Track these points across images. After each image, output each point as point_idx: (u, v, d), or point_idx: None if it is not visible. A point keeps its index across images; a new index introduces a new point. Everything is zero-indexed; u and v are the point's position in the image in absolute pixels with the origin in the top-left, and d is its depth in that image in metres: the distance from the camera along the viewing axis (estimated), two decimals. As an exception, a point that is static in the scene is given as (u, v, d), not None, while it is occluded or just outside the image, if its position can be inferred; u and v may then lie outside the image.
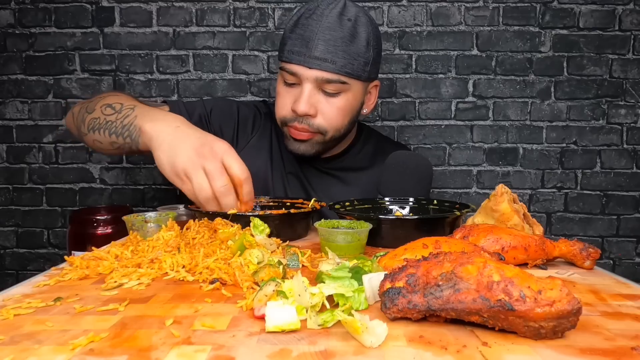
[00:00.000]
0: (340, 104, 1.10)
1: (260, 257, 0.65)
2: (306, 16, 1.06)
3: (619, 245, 1.89)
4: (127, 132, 0.95)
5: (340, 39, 1.04)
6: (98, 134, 1.00)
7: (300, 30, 1.06)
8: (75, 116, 1.07)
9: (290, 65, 1.07)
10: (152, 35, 1.83)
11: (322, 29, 1.04)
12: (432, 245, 0.64)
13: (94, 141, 1.02)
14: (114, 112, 0.98)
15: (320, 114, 1.09)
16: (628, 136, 1.84)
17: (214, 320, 0.49)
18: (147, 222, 0.83)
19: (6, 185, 1.91)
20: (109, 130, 0.97)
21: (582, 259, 0.70)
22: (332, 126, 1.11)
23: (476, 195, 1.88)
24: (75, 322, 0.49)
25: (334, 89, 1.07)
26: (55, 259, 1.92)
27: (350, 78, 1.07)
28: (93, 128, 1.00)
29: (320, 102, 1.08)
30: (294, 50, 1.05)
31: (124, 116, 0.96)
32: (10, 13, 1.83)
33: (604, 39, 1.80)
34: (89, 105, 1.05)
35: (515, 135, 1.85)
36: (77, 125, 1.07)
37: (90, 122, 1.01)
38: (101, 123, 0.99)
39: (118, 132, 0.96)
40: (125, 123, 0.95)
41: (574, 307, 0.42)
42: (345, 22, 1.05)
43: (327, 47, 1.03)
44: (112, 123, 0.97)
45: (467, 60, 1.82)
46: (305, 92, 1.06)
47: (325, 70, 1.04)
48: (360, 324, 0.43)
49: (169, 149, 0.86)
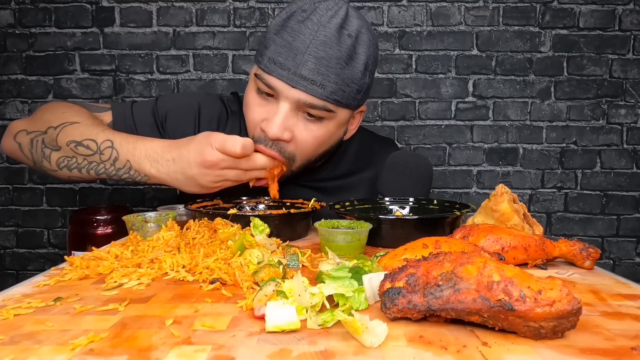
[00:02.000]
0: (319, 133, 0.93)
1: (260, 257, 0.65)
2: (298, 20, 0.87)
3: (619, 245, 1.89)
4: (126, 175, 0.90)
5: (335, 58, 0.86)
6: (77, 172, 0.91)
7: (288, 36, 0.87)
8: (27, 149, 0.93)
9: (269, 78, 0.88)
10: (152, 35, 1.83)
11: (315, 42, 0.85)
12: (432, 245, 0.64)
13: (69, 177, 0.93)
14: (92, 152, 0.88)
15: (295, 140, 0.92)
16: (628, 136, 1.84)
17: (214, 320, 0.49)
18: (147, 222, 0.83)
19: (6, 185, 1.91)
20: (95, 170, 0.90)
21: (582, 259, 0.70)
22: (303, 155, 0.95)
23: (476, 195, 1.88)
24: (75, 322, 0.49)
25: (316, 114, 0.90)
26: (55, 259, 1.92)
27: (338, 106, 0.91)
28: (68, 167, 0.90)
29: (296, 127, 0.91)
30: (276, 60, 0.87)
31: (109, 158, 0.88)
32: (10, 13, 1.83)
33: (604, 39, 1.80)
34: (45, 139, 0.91)
35: (515, 135, 1.85)
36: (33, 159, 0.94)
37: (61, 161, 0.90)
38: (80, 163, 0.90)
39: (111, 173, 0.90)
40: (118, 166, 0.89)
41: (574, 307, 0.42)
42: (344, 38, 0.87)
43: (318, 66, 0.85)
44: (99, 164, 0.89)
45: (467, 60, 1.82)
46: (280, 113, 0.88)
47: (311, 93, 0.87)
48: (360, 324, 0.43)
49: (172, 174, 0.87)
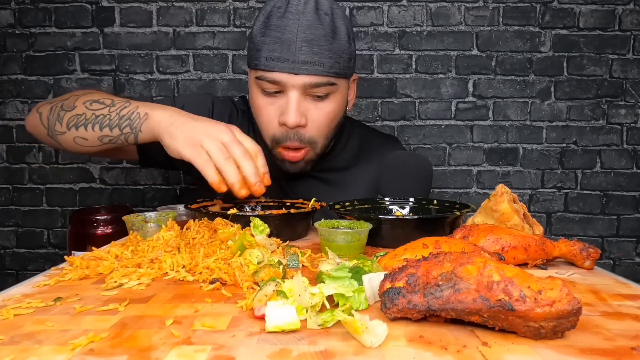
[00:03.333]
0: (330, 108, 1.01)
1: (260, 257, 0.65)
2: (278, 16, 0.95)
3: (619, 245, 1.89)
4: (126, 122, 0.91)
5: (323, 37, 0.95)
6: (83, 130, 0.94)
7: (275, 33, 0.95)
8: (45, 116, 1.00)
9: (271, 74, 0.96)
10: (152, 35, 1.83)
11: (302, 29, 0.94)
12: (432, 245, 0.64)
13: (74, 139, 0.96)
14: (105, 106, 0.94)
15: (309, 123, 1.00)
16: (628, 136, 1.84)
17: (214, 320, 0.49)
18: (147, 222, 0.83)
19: (6, 185, 1.91)
20: (99, 124, 0.93)
21: (582, 259, 0.70)
22: (322, 135, 1.03)
23: (476, 195, 1.88)
24: (75, 322, 0.49)
25: (323, 92, 0.98)
26: (55, 259, 1.92)
27: (338, 78, 0.99)
28: (76, 125, 0.95)
29: (309, 110, 0.99)
30: (273, 57, 0.94)
31: (120, 108, 0.93)
32: (10, 13, 1.83)
33: (604, 39, 1.80)
34: (64, 104, 0.98)
35: (515, 135, 1.85)
36: (48, 125, 1.00)
37: (71, 119, 0.95)
38: (88, 118, 0.94)
39: (113, 125, 0.92)
40: (123, 114, 0.92)
41: (574, 307, 0.42)
42: (323, 17, 0.96)
43: (311, 48, 0.94)
44: (105, 116, 0.93)
45: (467, 60, 1.82)
46: (292, 101, 0.96)
47: (313, 74, 0.95)
48: (360, 324, 0.43)
49: (183, 125, 0.86)
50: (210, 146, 0.83)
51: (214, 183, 0.83)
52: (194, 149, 0.84)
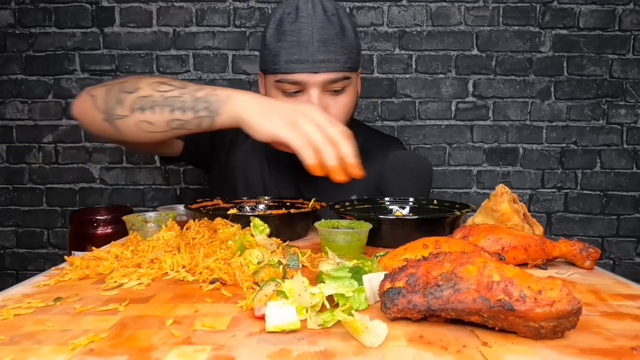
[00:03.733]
0: (346, 100, 1.09)
1: (260, 257, 0.65)
2: (290, 21, 1.02)
3: (619, 245, 1.89)
4: (203, 105, 0.88)
5: (335, 35, 1.02)
6: (149, 114, 0.89)
7: (291, 37, 1.01)
8: (101, 99, 0.94)
9: (293, 76, 1.02)
10: (152, 35, 1.83)
11: (316, 30, 1.01)
12: (432, 245, 0.64)
13: (138, 123, 0.91)
14: (174, 87, 0.90)
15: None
16: (628, 136, 1.84)
17: (214, 320, 0.49)
18: (147, 222, 0.83)
19: (6, 185, 1.91)
20: (170, 106, 0.89)
21: (582, 259, 0.70)
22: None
23: (476, 195, 1.88)
24: (75, 322, 0.49)
25: (339, 86, 1.06)
26: (55, 259, 1.92)
27: (351, 72, 1.07)
28: (142, 107, 0.90)
29: (329, 105, 1.06)
30: (293, 59, 1.01)
31: (194, 90, 0.89)
32: (10, 13, 1.83)
33: (604, 39, 1.80)
34: (124, 86, 0.93)
35: (515, 135, 1.85)
36: (105, 109, 0.93)
37: (136, 102, 0.90)
38: (156, 100, 0.89)
39: (187, 107, 0.88)
40: (199, 96, 0.88)
41: (574, 307, 0.42)
42: (331, 17, 1.03)
43: (327, 47, 1.02)
44: (177, 98, 0.89)
45: (467, 60, 1.82)
46: (314, 98, 1.03)
47: (331, 71, 1.02)
48: (360, 324, 0.43)
49: (276, 106, 0.85)
50: (307, 127, 0.82)
51: (313, 166, 0.81)
52: (291, 129, 0.82)
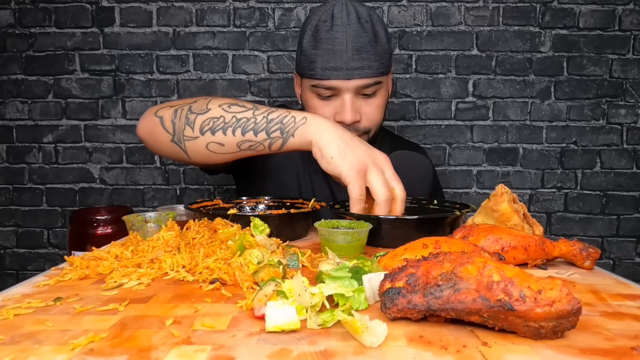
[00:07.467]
0: (379, 102, 1.13)
1: (260, 257, 0.65)
2: (325, 29, 1.06)
3: (619, 245, 1.89)
4: (276, 126, 0.88)
5: (368, 43, 1.06)
6: (221, 135, 0.90)
7: (326, 45, 1.05)
8: (169, 119, 0.94)
9: (328, 82, 1.07)
10: (152, 35, 1.83)
11: (350, 39, 1.05)
12: (432, 245, 0.64)
13: (209, 144, 0.91)
14: (246, 109, 0.90)
15: (363, 117, 1.11)
16: (628, 136, 1.84)
17: (214, 320, 0.49)
18: (147, 222, 0.83)
19: (6, 185, 1.91)
20: (242, 128, 0.89)
21: (582, 259, 0.70)
22: (375, 124, 1.14)
23: (476, 195, 1.88)
24: (75, 322, 0.49)
25: (371, 90, 1.09)
26: (55, 259, 1.92)
27: (382, 76, 1.11)
28: (212, 129, 0.90)
29: (362, 107, 1.10)
30: (328, 67, 1.05)
31: (267, 112, 0.90)
32: (10, 13, 1.83)
33: (604, 39, 1.80)
34: (193, 106, 0.93)
35: (515, 135, 1.85)
36: (173, 130, 0.93)
37: (206, 124, 0.90)
38: (228, 121, 0.89)
39: (259, 129, 0.88)
40: (272, 117, 0.89)
41: (574, 307, 0.42)
42: (365, 25, 1.06)
43: (360, 55, 1.05)
44: (249, 120, 0.89)
45: (467, 60, 1.82)
46: (347, 102, 1.07)
47: (365, 77, 1.06)
48: (360, 324, 0.43)
49: (350, 145, 0.86)
50: (374, 180, 0.83)
51: (357, 213, 0.84)
52: (357, 175, 0.83)
